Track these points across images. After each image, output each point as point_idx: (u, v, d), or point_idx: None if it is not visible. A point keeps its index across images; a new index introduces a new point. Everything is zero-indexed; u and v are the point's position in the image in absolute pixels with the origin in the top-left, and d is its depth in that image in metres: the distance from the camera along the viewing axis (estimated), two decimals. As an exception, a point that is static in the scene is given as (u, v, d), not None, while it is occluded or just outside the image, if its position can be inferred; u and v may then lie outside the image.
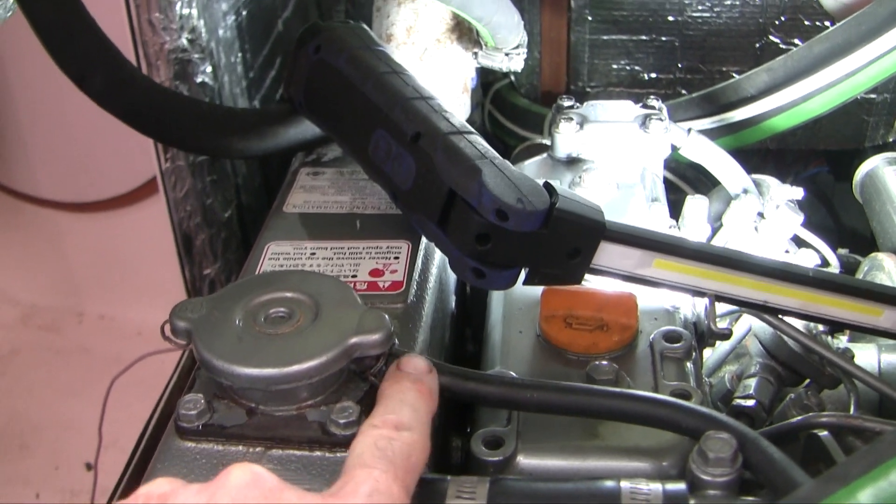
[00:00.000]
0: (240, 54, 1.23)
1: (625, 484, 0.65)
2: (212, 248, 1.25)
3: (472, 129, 0.83)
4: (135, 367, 1.01)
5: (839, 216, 1.58)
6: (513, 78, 1.54)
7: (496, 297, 0.92)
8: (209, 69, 1.15)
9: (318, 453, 0.66)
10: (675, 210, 1.08)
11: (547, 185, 0.78)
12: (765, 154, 1.55)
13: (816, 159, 1.60)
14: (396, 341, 0.71)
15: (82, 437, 1.77)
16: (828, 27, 1.36)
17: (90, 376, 1.96)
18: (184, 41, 1.11)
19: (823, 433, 0.76)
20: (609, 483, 0.65)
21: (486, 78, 1.51)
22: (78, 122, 1.87)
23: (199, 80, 1.14)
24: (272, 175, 1.32)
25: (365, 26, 0.96)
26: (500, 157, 0.79)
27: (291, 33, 0.95)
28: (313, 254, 0.88)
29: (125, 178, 1.96)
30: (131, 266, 2.07)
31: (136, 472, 0.91)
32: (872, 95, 1.41)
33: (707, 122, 1.28)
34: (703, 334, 0.87)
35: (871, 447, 0.56)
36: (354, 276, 0.85)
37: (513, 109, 1.53)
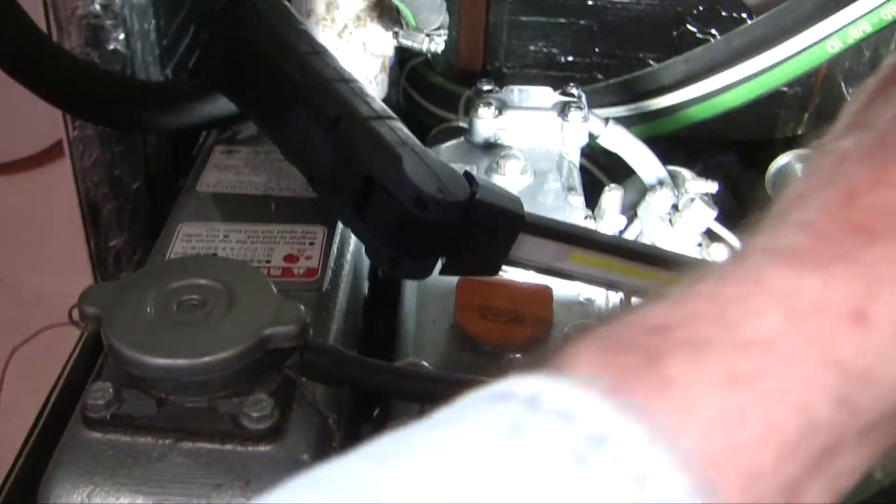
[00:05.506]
0: (153, 21, 1.20)
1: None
2: (119, 219, 1.22)
3: (394, 115, 0.81)
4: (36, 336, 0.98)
5: (746, 206, 1.60)
6: (429, 56, 1.53)
7: (410, 284, 0.91)
8: (122, 36, 1.11)
9: (229, 447, 0.64)
10: (587, 195, 1.08)
11: (467, 175, 0.77)
12: (674, 140, 1.56)
13: (727, 148, 1.61)
14: (311, 332, 0.70)
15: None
16: (745, 19, 1.37)
17: (-11, 341, 1.92)
18: (96, 6, 1.08)
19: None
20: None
21: (402, 55, 1.50)
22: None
23: (111, 47, 1.11)
24: (182, 145, 1.30)
25: (286, 2, 0.94)
26: (421, 145, 0.78)
27: (207, 1, 0.92)
28: (226, 236, 0.86)
29: (29, 140, 1.92)
30: (33, 231, 2.02)
31: (34, 452, 0.89)
32: (784, 89, 1.42)
33: (623, 110, 1.29)
34: (617, 328, 0.87)
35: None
36: (269, 262, 0.83)
37: (428, 87, 1.51)
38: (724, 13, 1.43)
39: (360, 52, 1.12)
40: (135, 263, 1.18)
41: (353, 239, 0.91)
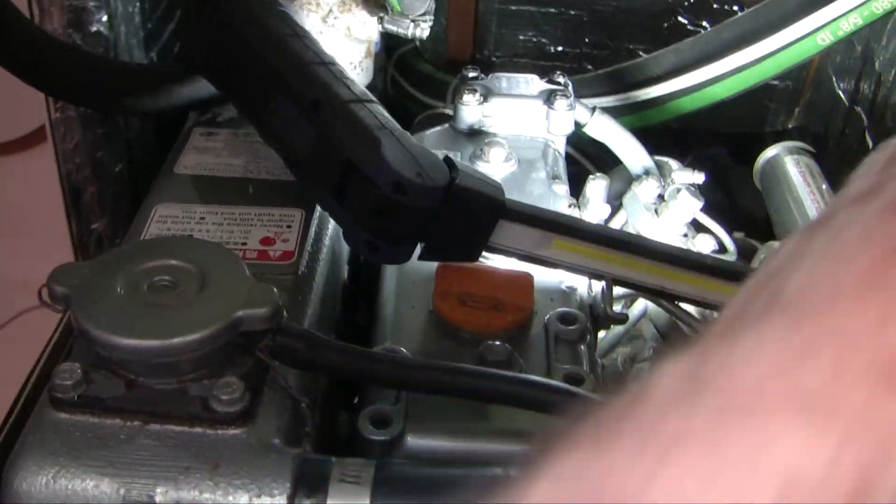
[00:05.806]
0: (138, 4, 1.18)
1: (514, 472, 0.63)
2: (100, 202, 1.21)
3: (374, 98, 0.81)
4: (18, 319, 0.97)
5: (736, 198, 1.59)
6: (418, 44, 1.52)
7: (390, 270, 0.90)
8: (105, 18, 1.10)
9: (198, 429, 0.63)
10: (574, 184, 1.08)
11: (447, 160, 0.76)
12: (665, 133, 1.55)
13: (717, 141, 1.60)
14: (286, 315, 0.69)
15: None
16: (736, 12, 1.36)
17: (-29, 325, 1.90)
18: (79, -13, 1.07)
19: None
20: (497, 470, 0.64)
21: (391, 42, 1.49)
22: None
23: (93, 29, 1.10)
24: (165, 129, 1.29)
25: (269, -15, 0.93)
26: (401, 129, 0.77)
27: (193, -15, 0.92)
28: (203, 218, 0.85)
29: (12, 124, 1.90)
30: (14, 214, 2.00)
31: (8, 435, 0.88)
32: (775, 82, 1.41)
33: (612, 100, 1.28)
34: (599, 317, 0.86)
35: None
36: (244, 244, 0.82)
37: (416, 75, 1.50)
38: (715, 5, 1.42)
39: (345, 37, 1.10)
40: (116, 246, 1.17)
41: (331, 223, 0.90)
